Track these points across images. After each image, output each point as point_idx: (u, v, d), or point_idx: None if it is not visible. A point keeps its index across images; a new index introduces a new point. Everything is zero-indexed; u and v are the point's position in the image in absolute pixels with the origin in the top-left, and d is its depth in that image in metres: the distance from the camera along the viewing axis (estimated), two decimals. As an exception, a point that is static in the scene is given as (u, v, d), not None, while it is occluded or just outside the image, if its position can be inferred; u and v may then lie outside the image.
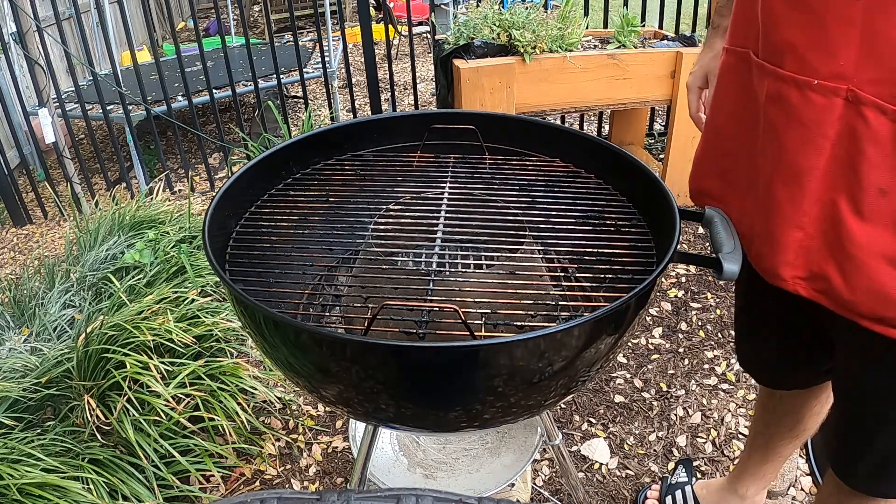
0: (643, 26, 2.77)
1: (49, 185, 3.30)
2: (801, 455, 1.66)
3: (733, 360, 2.00)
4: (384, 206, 1.02)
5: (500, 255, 0.97)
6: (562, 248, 0.96)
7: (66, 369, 1.64)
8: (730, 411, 1.82)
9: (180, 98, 3.72)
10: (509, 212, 0.99)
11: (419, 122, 1.15)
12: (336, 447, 1.79)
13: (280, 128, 3.42)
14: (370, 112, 3.74)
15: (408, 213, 0.99)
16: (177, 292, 1.86)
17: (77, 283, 2.10)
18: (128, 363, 1.55)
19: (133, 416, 1.52)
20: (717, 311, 2.23)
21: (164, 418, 1.54)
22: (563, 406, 1.87)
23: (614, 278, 0.86)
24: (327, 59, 3.98)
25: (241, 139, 3.42)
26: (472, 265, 1.03)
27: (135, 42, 3.74)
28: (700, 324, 2.18)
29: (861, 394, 0.93)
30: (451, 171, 1.10)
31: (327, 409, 1.91)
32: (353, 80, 4.23)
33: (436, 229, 0.94)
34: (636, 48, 2.59)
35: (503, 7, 2.66)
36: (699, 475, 1.64)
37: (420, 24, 5.91)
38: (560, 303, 0.92)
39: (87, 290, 2.07)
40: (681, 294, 2.33)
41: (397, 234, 0.97)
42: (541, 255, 1.00)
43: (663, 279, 2.38)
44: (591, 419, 1.83)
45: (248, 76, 3.64)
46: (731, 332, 2.12)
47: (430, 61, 5.26)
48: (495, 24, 2.51)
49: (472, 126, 1.12)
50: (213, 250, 0.84)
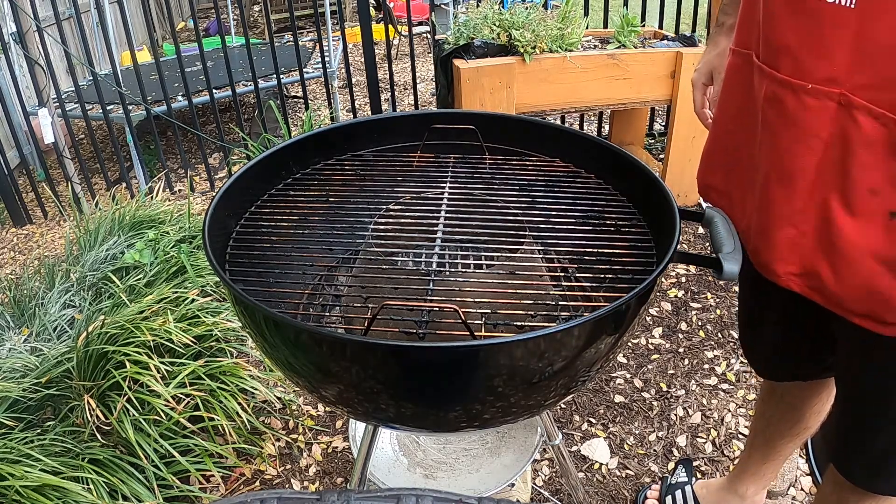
0: (643, 26, 2.77)
1: (49, 185, 3.30)
2: (801, 455, 1.66)
3: (733, 360, 2.00)
4: (384, 206, 1.02)
5: (500, 255, 0.97)
6: (562, 248, 0.96)
7: (66, 369, 1.64)
8: (730, 411, 1.82)
9: (180, 98, 3.72)
10: (509, 212, 0.99)
11: (419, 122, 1.15)
12: (336, 447, 1.79)
13: (280, 128, 3.42)
14: (370, 112, 3.74)
15: (408, 213, 0.99)
16: (177, 292, 1.86)
17: (77, 283, 2.10)
18: (128, 363, 1.55)
19: (133, 416, 1.52)
20: (717, 311, 2.23)
21: (164, 418, 1.54)
22: (563, 406, 1.87)
23: (614, 278, 0.86)
24: (327, 59, 3.98)
25: (241, 139, 3.42)
26: (472, 265, 1.03)
27: (135, 42, 3.74)
28: (700, 324, 2.18)
29: (861, 391, 0.94)
30: (451, 171, 1.10)
31: (327, 409, 1.91)
32: (353, 80, 4.23)
33: (436, 229, 0.94)
34: (636, 48, 2.59)
35: (503, 7, 2.65)
36: (699, 475, 1.64)
37: (420, 24, 5.91)
38: (560, 303, 0.93)
39: (87, 290, 2.07)
40: (681, 294, 2.33)
41: (397, 234, 0.97)
42: (541, 255, 1.00)
43: (663, 279, 2.38)
44: (591, 419, 1.83)
45: (248, 76, 3.64)
46: (732, 332, 2.13)
47: (430, 61, 5.26)
48: (495, 24, 2.51)
49: (472, 126, 1.12)
50: (213, 250, 0.84)
